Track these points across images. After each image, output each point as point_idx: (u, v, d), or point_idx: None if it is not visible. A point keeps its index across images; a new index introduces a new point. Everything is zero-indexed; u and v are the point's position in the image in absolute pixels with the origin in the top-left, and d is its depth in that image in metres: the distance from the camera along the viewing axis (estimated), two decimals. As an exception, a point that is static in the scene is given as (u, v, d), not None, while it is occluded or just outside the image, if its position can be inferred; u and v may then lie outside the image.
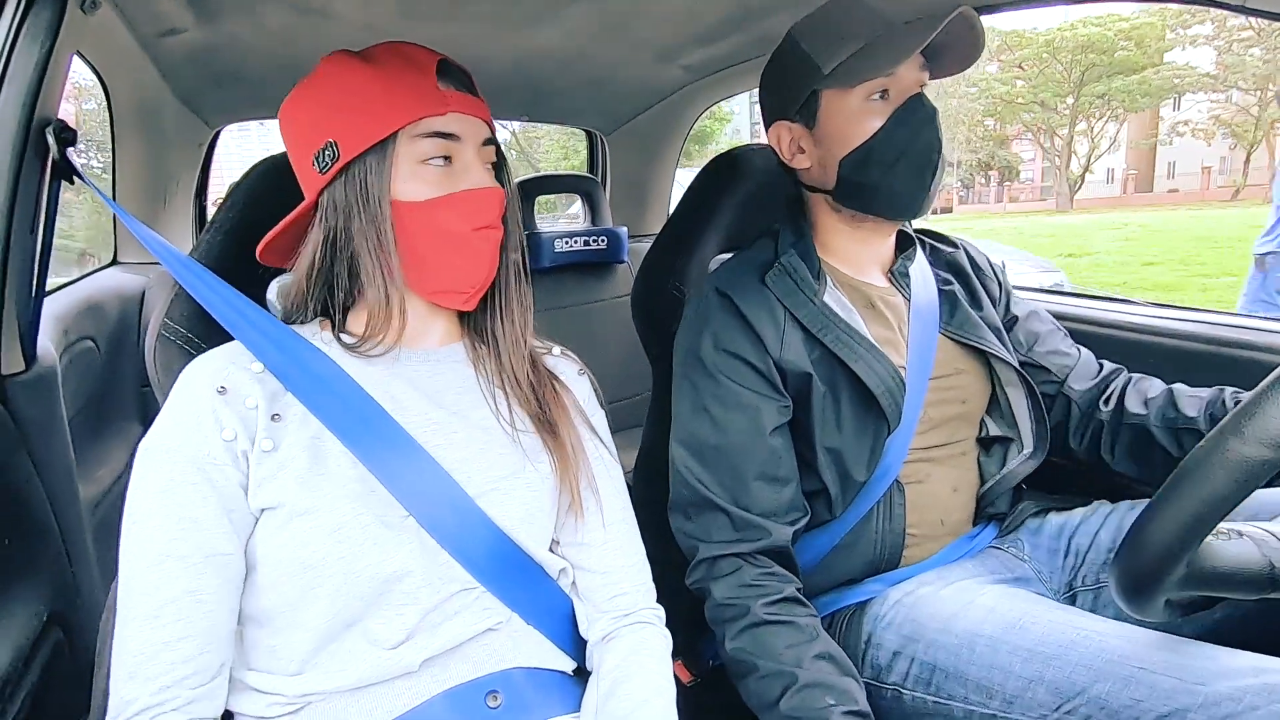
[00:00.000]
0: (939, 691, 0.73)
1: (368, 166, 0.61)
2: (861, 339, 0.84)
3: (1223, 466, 0.52)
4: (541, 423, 0.69)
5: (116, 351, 1.21)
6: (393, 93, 0.61)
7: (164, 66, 1.24)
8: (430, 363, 0.69)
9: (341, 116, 0.62)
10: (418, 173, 0.62)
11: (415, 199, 0.62)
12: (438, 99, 0.62)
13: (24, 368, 0.75)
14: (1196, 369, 1.05)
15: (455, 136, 0.63)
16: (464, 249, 0.64)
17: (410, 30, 1.20)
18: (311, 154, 0.63)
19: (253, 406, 0.60)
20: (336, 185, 0.62)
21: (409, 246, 0.63)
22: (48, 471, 0.74)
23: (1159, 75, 19.90)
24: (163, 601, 0.54)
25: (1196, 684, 0.60)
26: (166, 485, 0.56)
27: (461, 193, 0.63)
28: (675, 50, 1.46)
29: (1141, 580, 0.57)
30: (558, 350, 0.80)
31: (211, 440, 0.57)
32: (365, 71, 0.63)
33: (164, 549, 0.55)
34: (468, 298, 0.66)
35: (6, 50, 0.71)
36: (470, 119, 0.64)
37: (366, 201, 0.62)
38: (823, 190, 0.88)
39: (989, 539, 0.91)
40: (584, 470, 0.70)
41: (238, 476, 0.58)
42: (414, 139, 0.62)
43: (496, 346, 0.71)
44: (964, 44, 0.81)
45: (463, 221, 0.63)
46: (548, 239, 1.86)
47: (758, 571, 0.78)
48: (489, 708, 0.60)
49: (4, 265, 0.71)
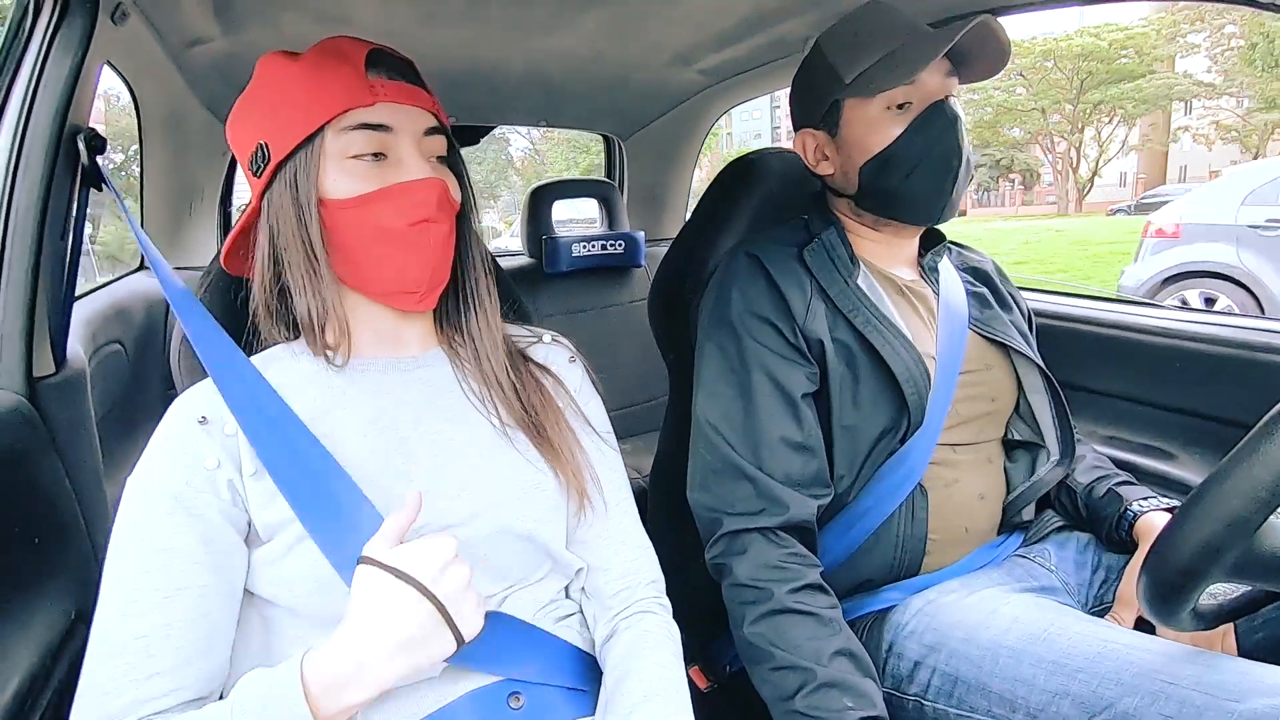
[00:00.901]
0: (961, 704, 0.72)
1: (296, 165, 0.59)
2: (891, 325, 0.84)
3: (1264, 465, 0.51)
4: (529, 426, 0.67)
5: (143, 355, 1.23)
6: (318, 87, 0.59)
7: (190, 76, 1.27)
8: (418, 369, 0.67)
9: (270, 117, 0.60)
10: (347, 168, 0.59)
11: (344, 196, 0.59)
12: (364, 89, 0.59)
13: (54, 370, 0.77)
14: (1226, 375, 1.03)
15: (386, 128, 0.60)
16: (403, 246, 0.60)
17: (429, 36, 1.21)
18: (248, 158, 0.61)
19: (232, 433, 0.58)
20: (273, 188, 0.60)
21: (340, 246, 0.60)
22: (76, 472, 0.76)
23: (1150, 84, 19.84)
24: (133, 636, 0.52)
25: (1229, 700, 0.58)
26: (141, 519, 0.55)
27: (395, 186, 0.60)
28: (692, 54, 1.46)
29: (1169, 587, 0.56)
30: (548, 337, 0.77)
31: (191, 470, 0.56)
32: (294, 69, 0.60)
33: (135, 581, 0.54)
34: (419, 297, 0.63)
35: (40, 60, 0.73)
36: (404, 108, 0.61)
37: (296, 201, 0.59)
38: (846, 195, 0.89)
39: (1014, 547, 0.90)
40: (583, 468, 0.68)
41: (219, 504, 0.56)
42: (341, 133, 0.59)
43: (475, 347, 0.68)
44: (989, 51, 0.81)
45: (398, 217, 0.59)
46: (565, 243, 1.86)
47: (782, 553, 0.76)
48: (511, 709, 0.59)
49: (35, 270, 0.72)
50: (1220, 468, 0.53)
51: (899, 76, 0.79)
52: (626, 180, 2.19)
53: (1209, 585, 0.55)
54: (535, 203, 1.92)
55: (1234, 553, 0.52)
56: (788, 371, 0.82)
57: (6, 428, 0.66)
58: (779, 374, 0.81)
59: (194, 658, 0.54)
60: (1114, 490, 0.90)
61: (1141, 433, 1.14)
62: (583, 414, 0.73)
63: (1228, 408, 1.03)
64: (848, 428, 0.82)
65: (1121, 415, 1.17)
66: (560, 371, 0.74)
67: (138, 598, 0.53)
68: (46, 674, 0.65)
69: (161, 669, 0.53)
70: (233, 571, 0.57)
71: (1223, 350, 1.04)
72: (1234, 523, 0.51)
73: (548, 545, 0.65)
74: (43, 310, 0.74)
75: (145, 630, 0.53)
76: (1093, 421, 1.19)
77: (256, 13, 1.07)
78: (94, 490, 0.80)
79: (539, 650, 0.64)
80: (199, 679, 0.55)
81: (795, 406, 0.81)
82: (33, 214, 0.72)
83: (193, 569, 0.55)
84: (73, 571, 0.72)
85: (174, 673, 0.53)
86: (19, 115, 0.72)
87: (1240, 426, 0.98)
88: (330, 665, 0.50)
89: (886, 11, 0.84)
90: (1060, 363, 1.19)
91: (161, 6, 1.01)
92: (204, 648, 0.55)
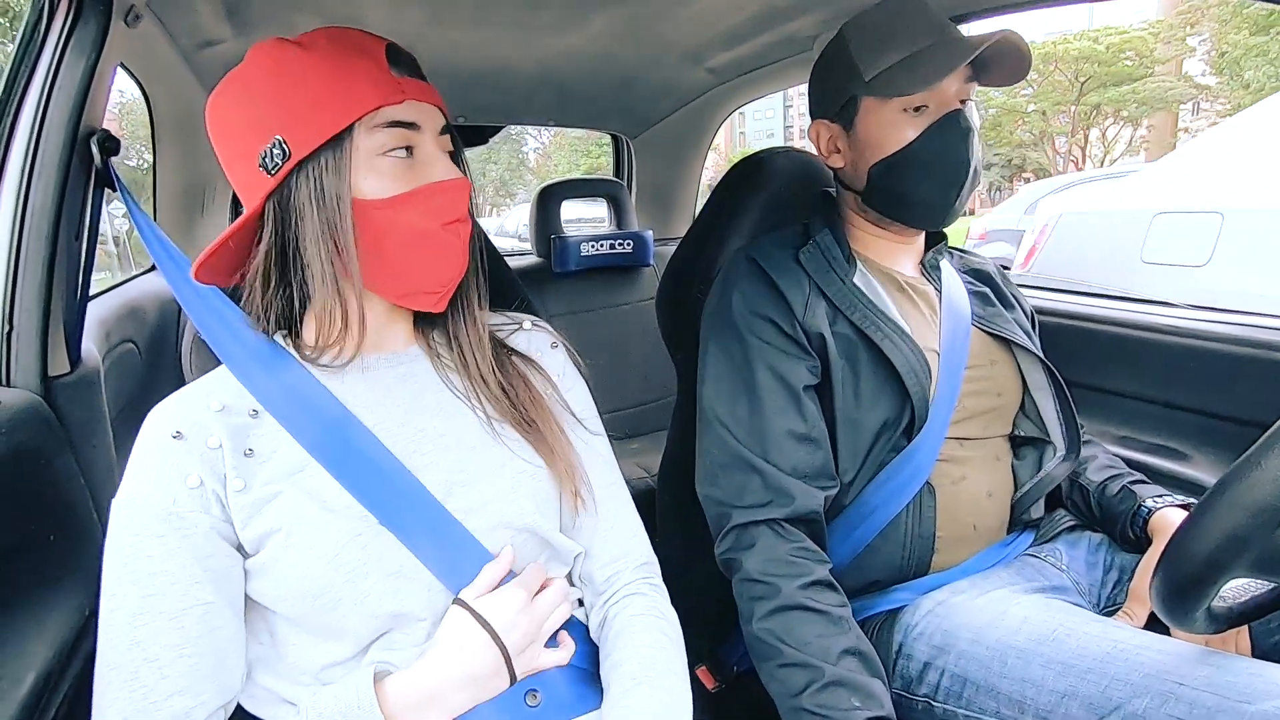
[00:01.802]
0: (970, 705, 0.72)
1: (323, 164, 0.56)
2: (889, 320, 0.85)
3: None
4: (521, 423, 0.66)
5: (156, 354, 1.24)
6: (345, 81, 0.56)
7: (203, 77, 1.28)
8: (401, 365, 0.66)
9: (288, 110, 0.56)
10: (378, 167, 0.58)
11: (378, 196, 0.57)
12: (393, 86, 0.57)
13: (69, 369, 0.77)
14: (1241, 374, 1.01)
15: (415, 126, 0.59)
16: (436, 245, 0.60)
17: (438, 36, 1.22)
18: (255, 155, 0.57)
19: (215, 446, 0.57)
20: (287, 187, 0.57)
21: (372, 248, 0.58)
22: (91, 470, 0.76)
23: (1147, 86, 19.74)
24: (145, 660, 0.53)
25: (1241, 702, 0.57)
26: (134, 542, 0.55)
27: (429, 186, 0.59)
28: (701, 53, 1.45)
29: (1187, 582, 0.54)
30: (529, 323, 0.76)
31: (175, 489, 0.56)
32: (308, 59, 0.57)
33: (139, 605, 0.54)
34: (439, 298, 0.63)
35: (55, 63, 0.73)
36: (426, 106, 0.60)
37: (323, 202, 0.56)
38: (853, 190, 0.90)
39: (1024, 546, 0.89)
40: (575, 465, 0.68)
41: (209, 521, 0.56)
42: (372, 130, 0.57)
43: (460, 349, 0.67)
44: (1009, 59, 0.81)
45: (432, 217, 0.59)
46: (574, 243, 1.87)
47: (791, 546, 0.76)
48: (528, 706, 0.59)
49: (50, 270, 0.73)
50: (1248, 455, 0.51)
51: (919, 83, 0.79)
52: (635, 179, 2.19)
53: (1229, 581, 0.53)
54: (544, 202, 1.92)
55: (1259, 545, 0.50)
56: (790, 365, 0.82)
57: (22, 426, 0.67)
58: (782, 368, 0.82)
59: (209, 673, 0.55)
60: (1128, 488, 0.89)
61: (1155, 433, 1.13)
62: (563, 401, 0.71)
63: (1243, 408, 1.02)
64: (851, 420, 0.83)
65: (1135, 415, 1.16)
66: (542, 358, 0.73)
67: (144, 623, 0.54)
68: (62, 669, 0.66)
69: (181, 688, 0.53)
70: (232, 585, 0.58)
71: (1239, 350, 1.02)
72: (1261, 512, 0.49)
73: (546, 535, 0.65)
74: (57, 310, 0.75)
75: (157, 654, 0.53)
76: (1105, 421, 1.18)
77: (268, 14, 1.08)
78: (108, 488, 0.80)
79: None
80: (219, 691, 0.56)
81: (799, 399, 0.81)
82: (48, 215, 0.72)
83: (193, 589, 0.55)
84: (87, 569, 0.73)
85: (192, 689, 0.54)
86: (34, 118, 0.72)
87: (1256, 426, 0.97)
88: (410, 687, 0.56)
89: (913, 7, 0.83)
90: (1073, 362, 1.19)
91: (174, 9, 1.02)
92: (215, 662, 0.56)
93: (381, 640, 0.59)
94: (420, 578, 0.59)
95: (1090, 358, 1.19)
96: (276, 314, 0.62)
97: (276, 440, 0.59)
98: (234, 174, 0.60)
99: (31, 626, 0.65)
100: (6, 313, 0.71)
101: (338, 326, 0.60)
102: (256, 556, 0.57)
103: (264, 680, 0.60)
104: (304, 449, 0.59)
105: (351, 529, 0.57)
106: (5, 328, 0.71)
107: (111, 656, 0.54)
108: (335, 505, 0.58)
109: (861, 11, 0.87)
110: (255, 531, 0.57)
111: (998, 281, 1.00)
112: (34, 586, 0.67)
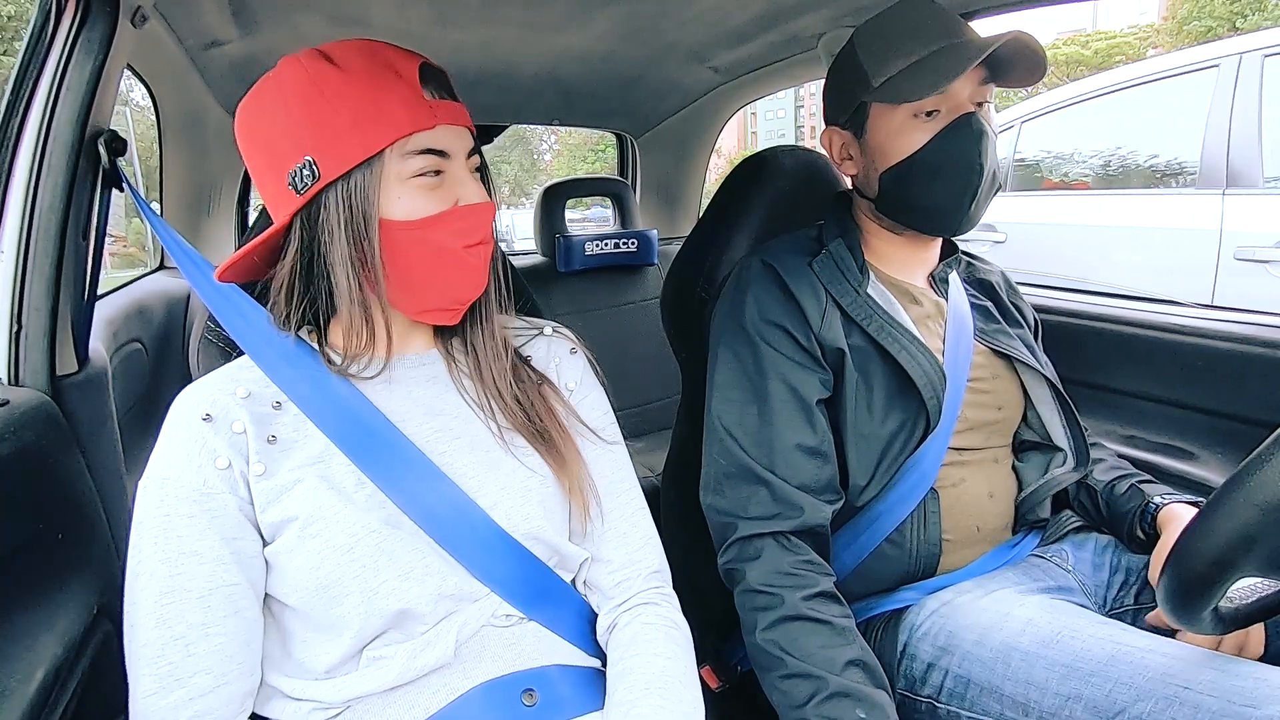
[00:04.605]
0: (973, 706, 0.71)
1: (353, 186, 0.57)
2: (904, 330, 0.84)
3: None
4: (533, 435, 0.67)
5: (163, 353, 1.25)
6: (377, 105, 0.56)
7: (209, 77, 1.29)
8: (420, 368, 0.68)
9: (320, 132, 0.56)
10: (407, 189, 0.58)
11: (408, 218, 0.58)
12: (427, 112, 0.58)
13: (77, 369, 0.78)
14: (1250, 374, 1.01)
15: (445, 154, 0.60)
16: (457, 265, 0.61)
17: (444, 36, 1.22)
18: (285, 172, 0.58)
19: (240, 431, 0.58)
20: (316, 205, 0.58)
21: (397, 267, 0.59)
22: (98, 469, 0.77)
23: None
24: (171, 638, 0.54)
25: (1246, 706, 0.57)
26: (164, 521, 0.56)
27: (455, 210, 0.60)
28: (705, 52, 1.45)
29: (1196, 580, 0.54)
30: (549, 329, 0.76)
31: (205, 470, 0.57)
32: (341, 78, 0.57)
33: (167, 584, 0.55)
34: (455, 314, 0.64)
35: (62, 64, 0.74)
36: (457, 129, 0.61)
37: (351, 222, 0.57)
38: (867, 197, 0.89)
39: (1030, 547, 0.89)
40: (585, 479, 0.69)
41: (236, 502, 0.57)
42: (403, 156, 0.58)
43: (477, 358, 0.68)
44: (1025, 60, 0.79)
45: (456, 239, 0.60)
46: (578, 242, 1.87)
47: (795, 559, 0.76)
48: (524, 705, 0.60)
49: (58, 270, 0.74)
50: (1256, 454, 0.51)
51: (925, 88, 0.78)
52: (639, 178, 2.19)
53: (1239, 579, 0.53)
54: (548, 201, 1.92)
55: (1268, 544, 0.50)
56: (803, 378, 0.81)
57: (31, 425, 0.68)
58: (794, 380, 0.81)
59: (234, 653, 0.56)
60: (1136, 486, 0.89)
61: (1162, 432, 1.12)
62: (576, 414, 0.72)
63: (1251, 407, 1.01)
64: (863, 435, 0.82)
65: (1142, 415, 1.15)
66: (561, 365, 0.74)
67: (172, 601, 0.55)
68: (70, 666, 0.67)
69: (205, 667, 0.55)
70: (256, 569, 0.59)
71: (1247, 349, 1.02)
72: (1270, 511, 0.49)
73: (553, 542, 0.66)
74: (65, 310, 0.75)
75: (183, 632, 0.55)
76: (1112, 421, 1.18)
77: (273, 15, 1.08)
78: (115, 486, 0.81)
79: (555, 592, 0.66)
80: (241, 674, 0.57)
81: (810, 413, 0.80)
82: (56, 215, 0.73)
83: (220, 570, 0.56)
84: (95, 566, 0.73)
85: (216, 669, 0.55)
86: (42, 119, 0.73)
87: (1264, 426, 0.96)
88: None
89: (924, 9, 0.82)
90: (1080, 361, 1.18)
91: (180, 9, 1.02)
92: (240, 644, 0.57)
93: (377, 640, 0.59)
94: (430, 578, 0.59)
95: (1097, 357, 1.19)
96: (299, 315, 0.64)
97: (299, 429, 0.61)
98: (262, 186, 0.61)
99: (41, 623, 0.66)
100: (15, 313, 0.72)
101: (364, 338, 0.62)
102: (272, 544, 0.58)
103: (271, 679, 0.60)
104: (326, 438, 0.60)
105: (368, 523, 0.58)
106: (14, 328, 0.72)
107: (140, 634, 0.55)
108: (355, 497, 0.59)
109: (873, 17, 0.86)
110: (273, 518, 0.58)
111: (1001, 294, 0.99)
112: (43, 584, 0.68)
